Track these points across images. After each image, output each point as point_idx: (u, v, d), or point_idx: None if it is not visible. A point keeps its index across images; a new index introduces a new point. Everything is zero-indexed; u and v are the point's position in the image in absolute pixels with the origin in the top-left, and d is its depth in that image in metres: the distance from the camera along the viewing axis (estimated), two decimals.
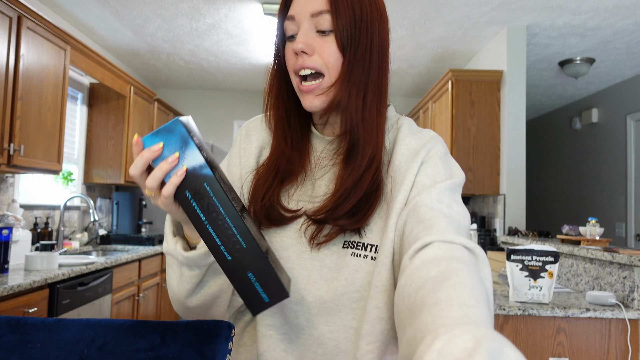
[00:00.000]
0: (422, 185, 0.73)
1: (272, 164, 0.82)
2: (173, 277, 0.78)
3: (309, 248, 0.78)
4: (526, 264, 2.02)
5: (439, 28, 3.77)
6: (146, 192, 0.65)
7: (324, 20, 0.74)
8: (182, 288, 0.76)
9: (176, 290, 0.77)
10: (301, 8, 0.76)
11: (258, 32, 3.95)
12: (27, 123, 2.69)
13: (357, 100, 0.76)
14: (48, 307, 2.40)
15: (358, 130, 0.76)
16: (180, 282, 0.76)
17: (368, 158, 0.75)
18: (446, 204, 0.70)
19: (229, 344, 0.75)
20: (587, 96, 5.61)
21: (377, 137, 0.77)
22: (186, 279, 0.75)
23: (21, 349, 0.73)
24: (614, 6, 3.24)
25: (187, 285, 0.75)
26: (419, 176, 0.74)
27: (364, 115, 0.76)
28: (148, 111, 4.64)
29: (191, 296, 0.77)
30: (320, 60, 0.75)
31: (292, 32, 0.78)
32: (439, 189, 0.71)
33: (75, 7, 3.58)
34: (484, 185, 3.74)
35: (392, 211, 0.73)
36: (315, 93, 0.76)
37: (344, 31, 0.74)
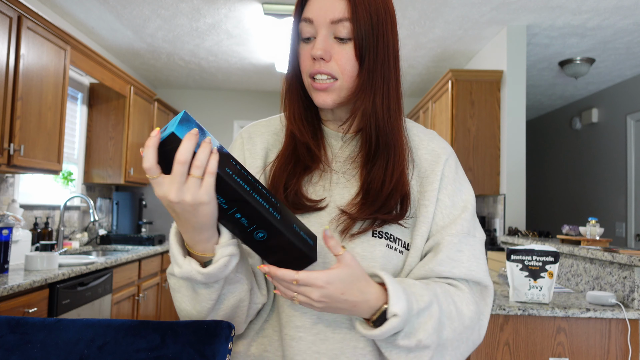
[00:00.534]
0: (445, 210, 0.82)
1: (291, 153, 0.83)
2: (185, 301, 0.73)
3: (339, 239, 0.79)
4: (526, 264, 2.02)
5: (439, 28, 3.77)
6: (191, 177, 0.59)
7: (343, 27, 0.76)
8: (201, 308, 0.72)
9: (195, 313, 0.73)
10: (320, 13, 0.77)
11: (258, 32, 3.95)
12: (27, 123, 2.69)
13: (383, 107, 0.79)
14: (48, 307, 2.40)
15: (382, 138, 0.80)
16: (196, 303, 0.72)
17: (391, 165, 0.80)
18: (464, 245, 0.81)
19: (229, 344, 0.75)
20: (587, 96, 5.61)
21: (401, 138, 0.82)
22: (204, 298, 0.71)
23: (21, 349, 0.73)
24: (614, 6, 3.24)
25: (207, 304, 0.72)
26: (441, 194, 0.83)
27: (390, 120, 0.80)
28: (148, 111, 4.64)
29: (211, 314, 0.74)
30: (337, 66, 0.78)
31: (308, 34, 0.79)
32: (458, 229, 0.81)
33: (75, 7, 3.58)
34: (484, 185, 3.74)
35: (420, 221, 0.82)
36: (327, 91, 0.79)
37: (363, 39, 0.77)
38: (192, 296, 0.72)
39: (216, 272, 0.67)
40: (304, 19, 0.79)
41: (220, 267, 0.67)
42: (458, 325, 0.75)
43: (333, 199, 0.82)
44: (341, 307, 0.69)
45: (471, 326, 0.77)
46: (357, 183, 0.83)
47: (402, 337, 0.71)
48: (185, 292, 0.72)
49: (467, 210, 0.83)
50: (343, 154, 0.85)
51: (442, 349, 0.75)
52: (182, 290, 0.72)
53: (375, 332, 0.70)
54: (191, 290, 0.72)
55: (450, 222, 0.81)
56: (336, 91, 0.79)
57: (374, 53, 0.78)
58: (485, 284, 0.81)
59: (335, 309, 0.69)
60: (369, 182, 0.80)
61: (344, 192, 0.82)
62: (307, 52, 0.79)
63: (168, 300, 4.42)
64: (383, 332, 0.69)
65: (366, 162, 0.81)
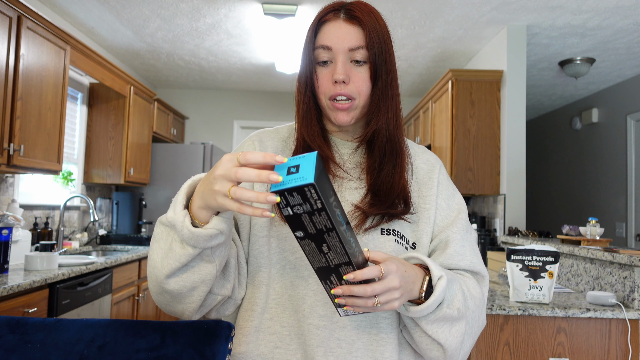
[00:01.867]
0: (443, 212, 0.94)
1: None
2: (158, 252, 0.76)
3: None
4: (526, 264, 2.02)
5: (439, 28, 3.77)
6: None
7: (359, 53, 0.87)
8: (166, 265, 0.75)
9: (158, 266, 0.76)
10: (338, 41, 0.87)
11: (258, 32, 3.95)
12: (27, 123, 2.69)
13: (393, 119, 0.90)
14: (48, 307, 2.40)
15: (392, 147, 0.91)
16: (166, 257, 0.75)
17: (398, 169, 0.90)
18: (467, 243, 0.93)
19: (229, 344, 0.75)
20: (587, 96, 5.61)
21: (403, 146, 0.93)
22: (174, 256, 0.74)
23: (21, 349, 0.73)
24: (614, 6, 3.24)
25: (174, 263, 0.74)
26: (439, 198, 0.94)
27: (397, 133, 0.91)
28: (148, 111, 4.64)
29: (172, 277, 0.75)
30: (355, 88, 0.88)
31: (326, 58, 0.89)
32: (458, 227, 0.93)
33: (75, 7, 3.58)
34: (484, 185, 3.74)
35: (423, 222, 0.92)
36: (347, 111, 0.89)
37: (377, 63, 0.87)
38: (166, 250, 0.75)
39: (200, 236, 0.71)
40: (320, 46, 0.88)
41: (207, 234, 0.71)
42: (472, 302, 0.86)
43: (345, 199, 0.90)
44: (409, 287, 0.76)
45: (481, 306, 0.88)
46: (364, 187, 0.91)
47: (447, 306, 0.79)
48: (163, 244, 0.76)
49: (463, 211, 0.96)
50: (351, 160, 0.95)
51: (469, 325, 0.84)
52: (162, 241, 0.76)
53: (431, 300, 0.77)
54: (168, 244, 0.75)
55: (450, 223, 0.93)
56: (354, 110, 0.89)
57: (385, 73, 0.89)
58: (483, 274, 0.93)
59: (407, 292, 0.75)
60: (378, 186, 0.89)
61: (354, 194, 0.91)
62: (327, 76, 0.89)
63: None
64: (437, 298, 0.77)
65: (374, 168, 0.91)
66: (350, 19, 0.87)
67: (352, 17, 0.87)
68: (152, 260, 0.77)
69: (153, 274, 0.77)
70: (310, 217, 0.64)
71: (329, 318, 0.83)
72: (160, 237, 0.77)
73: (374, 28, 0.87)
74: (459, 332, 0.82)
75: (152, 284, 0.79)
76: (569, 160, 6.04)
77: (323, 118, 0.97)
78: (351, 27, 0.87)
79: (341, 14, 0.88)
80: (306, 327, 0.83)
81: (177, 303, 0.80)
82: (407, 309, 0.79)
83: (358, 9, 0.88)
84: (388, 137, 0.90)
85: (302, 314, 0.84)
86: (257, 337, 0.85)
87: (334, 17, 0.88)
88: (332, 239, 0.66)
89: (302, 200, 0.62)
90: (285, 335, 0.84)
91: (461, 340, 0.82)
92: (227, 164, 0.66)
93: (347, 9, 0.88)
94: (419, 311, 0.77)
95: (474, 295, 0.87)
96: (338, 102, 0.88)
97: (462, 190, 3.72)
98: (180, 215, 0.71)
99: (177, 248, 0.73)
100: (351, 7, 0.88)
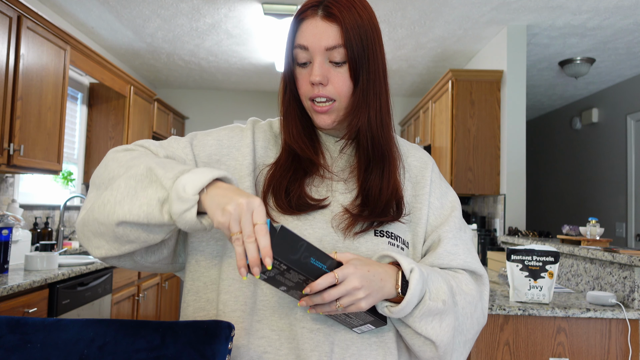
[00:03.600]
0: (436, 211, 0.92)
1: (290, 164, 0.87)
2: (121, 190, 0.71)
3: (342, 237, 0.84)
4: (526, 264, 2.02)
5: (439, 28, 3.77)
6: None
7: (337, 53, 0.82)
8: (127, 211, 0.70)
9: (116, 208, 0.71)
10: (314, 40, 0.82)
11: (258, 32, 3.95)
12: (27, 123, 2.69)
13: (376, 120, 0.86)
14: (48, 307, 2.40)
15: (377, 149, 0.87)
16: (132, 204, 0.70)
17: (386, 172, 0.87)
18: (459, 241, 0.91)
19: (229, 344, 0.75)
20: (587, 96, 5.61)
21: (393, 148, 0.89)
22: (145, 212, 0.70)
23: (21, 349, 0.73)
24: (614, 6, 3.24)
25: (138, 216, 0.70)
26: (431, 197, 0.92)
27: (383, 132, 0.87)
28: (148, 111, 4.64)
29: (124, 225, 0.71)
30: (334, 89, 0.83)
31: (304, 59, 0.84)
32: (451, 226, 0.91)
33: (75, 7, 3.58)
34: (484, 185, 3.74)
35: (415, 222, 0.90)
36: (327, 113, 0.85)
37: (356, 62, 0.82)
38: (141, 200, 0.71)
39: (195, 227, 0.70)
40: (298, 45, 0.84)
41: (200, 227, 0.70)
42: (462, 298, 0.84)
43: (335, 198, 0.87)
44: (376, 286, 0.74)
45: (474, 303, 0.86)
46: (356, 189, 0.88)
47: (430, 298, 0.78)
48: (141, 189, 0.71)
49: (456, 209, 0.94)
50: (342, 159, 0.91)
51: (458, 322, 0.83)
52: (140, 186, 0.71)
53: (408, 297, 0.75)
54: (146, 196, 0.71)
55: (443, 221, 0.91)
56: (335, 112, 0.85)
57: (366, 72, 0.83)
58: (480, 272, 0.91)
59: (375, 290, 0.74)
60: (367, 189, 0.86)
61: (346, 196, 0.88)
62: (305, 77, 0.85)
63: (168, 300, 4.42)
64: (414, 291, 0.75)
65: (363, 171, 0.87)
66: (327, 16, 0.81)
67: (330, 15, 0.81)
68: (118, 195, 0.71)
69: (109, 208, 0.71)
70: (283, 275, 0.69)
71: (323, 321, 0.80)
72: (141, 180, 0.72)
73: (353, 25, 0.81)
74: (450, 327, 0.80)
75: (90, 216, 0.74)
76: (569, 160, 6.04)
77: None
78: (328, 25, 0.81)
79: (319, 11, 0.82)
80: (299, 331, 0.79)
81: (100, 238, 0.76)
82: (389, 310, 0.77)
83: (337, 4, 0.82)
84: (371, 138, 0.85)
85: (295, 318, 0.80)
86: (248, 340, 0.80)
87: (312, 14, 0.83)
88: (309, 281, 0.71)
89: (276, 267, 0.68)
90: (275, 339, 0.80)
91: (452, 334, 0.81)
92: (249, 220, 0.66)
93: (326, 5, 0.82)
94: (401, 309, 0.76)
95: (466, 291, 0.85)
96: (317, 105, 0.84)
97: (462, 190, 3.72)
98: (193, 199, 0.68)
99: (153, 208, 0.69)
100: (330, 3, 0.82)
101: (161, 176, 0.71)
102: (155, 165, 0.73)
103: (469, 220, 4.25)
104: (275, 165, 0.88)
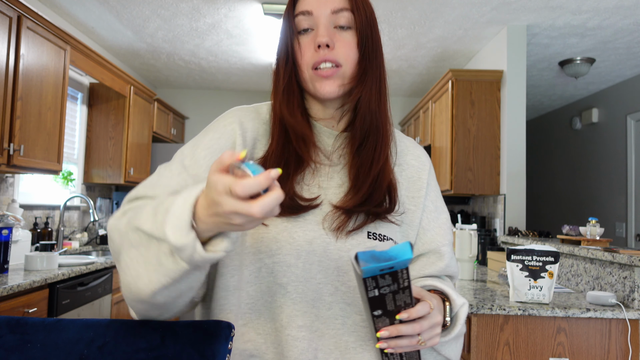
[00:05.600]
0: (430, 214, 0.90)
1: (281, 152, 0.82)
2: (139, 263, 0.65)
3: (334, 239, 0.79)
4: (526, 264, 2.02)
5: (439, 28, 3.77)
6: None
7: (343, 17, 0.80)
8: (154, 280, 0.64)
9: (144, 281, 0.64)
10: (319, 4, 0.80)
11: (258, 32, 3.95)
12: (27, 123, 2.69)
13: (375, 92, 0.83)
14: (48, 307, 2.40)
15: (373, 121, 0.83)
16: (154, 272, 0.63)
17: (379, 146, 0.83)
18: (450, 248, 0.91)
19: (229, 344, 0.75)
20: (587, 96, 5.61)
21: (387, 122, 0.86)
22: (166, 272, 0.63)
23: (21, 349, 0.73)
24: (614, 6, 3.24)
25: (164, 279, 0.63)
26: (427, 200, 0.90)
27: (380, 103, 0.84)
28: (148, 111, 4.64)
29: (160, 291, 0.65)
30: (341, 54, 0.80)
31: (307, 25, 0.81)
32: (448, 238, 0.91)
33: (75, 7, 3.58)
34: (484, 185, 3.73)
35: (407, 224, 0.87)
36: (331, 78, 0.80)
37: (363, 28, 0.81)
38: (153, 264, 0.63)
39: (211, 260, 0.62)
40: (301, 12, 0.81)
41: (217, 257, 0.62)
42: None
43: (327, 197, 0.83)
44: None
45: None
46: (347, 182, 0.84)
47: (461, 323, 0.80)
48: (146, 255, 0.64)
49: (446, 213, 0.93)
50: (336, 152, 0.86)
51: None
52: (143, 249, 0.64)
53: (457, 329, 0.79)
54: (154, 258, 0.63)
55: (437, 227, 0.90)
56: (340, 78, 0.81)
57: (371, 41, 0.82)
58: (457, 277, 0.96)
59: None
60: (359, 166, 0.82)
61: (337, 189, 0.83)
62: (309, 44, 0.81)
63: None
64: (462, 326, 0.79)
65: (357, 149, 0.84)
66: None
67: None
68: (133, 271, 0.66)
69: (134, 287, 0.66)
70: (394, 295, 0.64)
71: (307, 328, 0.77)
72: (139, 245, 0.65)
73: None
74: (461, 343, 0.84)
75: (130, 295, 0.68)
76: (569, 160, 6.04)
77: (305, 102, 0.88)
78: None
79: None
80: (284, 337, 0.76)
81: (157, 310, 0.71)
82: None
83: None
84: (369, 109, 0.82)
85: (280, 324, 0.77)
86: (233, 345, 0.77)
87: None
88: (408, 307, 0.67)
89: (392, 281, 0.63)
90: (261, 343, 0.78)
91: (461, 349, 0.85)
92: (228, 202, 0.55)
93: None
94: (447, 340, 0.79)
95: None
96: (322, 70, 0.79)
97: (462, 190, 3.72)
98: (190, 240, 0.59)
99: (168, 263, 0.62)
100: None
101: (152, 230, 0.63)
102: (144, 221, 0.65)
103: (469, 220, 4.25)
104: (264, 160, 0.82)
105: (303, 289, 0.78)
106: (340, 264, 0.79)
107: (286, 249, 0.78)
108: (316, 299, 0.78)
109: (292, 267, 0.78)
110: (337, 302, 0.79)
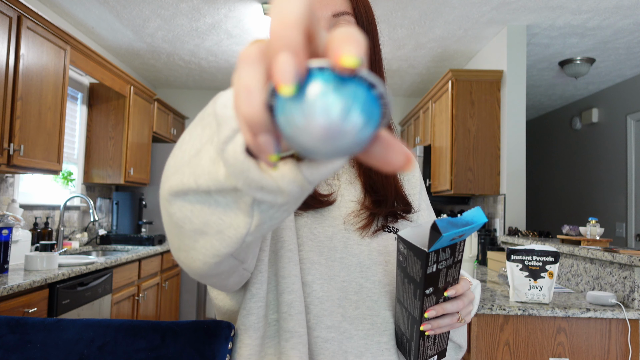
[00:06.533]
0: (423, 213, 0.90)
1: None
2: (183, 151, 0.43)
3: (354, 235, 0.78)
4: (526, 264, 2.02)
5: (439, 28, 3.77)
6: None
7: (344, 20, 0.78)
8: (180, 174, 0.42)
9: (170, 171, 0.44)
10: (320, 7, 0.77)
11: (258, 32, 3.95)
12: (27, 123, 2.69)
13: None
14: (48, 307, 2.40)
15: None
16: (187, 164, 0.42)
17: None
18: None
19: (229, 344, 0.75)
20: (587, 96, 5.61)
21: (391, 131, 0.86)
22: (196, 169, 0.41)
23: (21, 349, 0.73)
24: (614, 6, 3.24)
25: (188, 179, 0.41)
26: (421, 199, 0.90)
27: None
28: (148, 111, 4.64)
29: (179, 197, 0.43)
30: None
31: None
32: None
33: (75, 7, 3.58)
34: (484, 185, 3.73)
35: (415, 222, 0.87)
36: None
37: (364, 33, 0.78)
38: (191, 153, 0.41)
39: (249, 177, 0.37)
40: None
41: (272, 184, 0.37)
42: None
43: (340, 193, 0.81)
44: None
45: None
46: (357, 180, 0.84)
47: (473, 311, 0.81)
48: (193, 142, 0.42)
49: (432, 211, 0.94)
50: None
51: None
52: (194, 138, 0.41)
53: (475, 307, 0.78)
54: (198, 146, 0.41)
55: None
56: None
57: (372, 46, 0.80)
58: None
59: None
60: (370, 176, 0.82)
61: (347, 185, 0.83)
62: None
63: (168, 300, 4.42)
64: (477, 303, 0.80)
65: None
66: None
67: None
68: (172, 158, 0.45)
69: (163, 179, 0.46)
70: (447, 270, 0.61)
71: (336, 329, 0.73)
72: (193, 132, 0.42)
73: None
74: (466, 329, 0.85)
75: (161, 193, 0.47)
76: (569, 160, 6.04)
77: None
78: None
79: None
80: (313, 340, 0.72)
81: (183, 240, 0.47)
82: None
83: None
84: None
85: (309, 326, 0.73)
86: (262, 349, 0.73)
87: None
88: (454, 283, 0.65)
89: (449, 255, 0.60)
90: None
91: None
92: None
93: None
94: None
95: None
96: None
97: (462, 190, 3.72)
98: (229, 117, 0.37)
99: (205, 158, 0.39)
100: None
101: (207, 110, 0.42)
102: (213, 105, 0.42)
103: None
104: None
105: (328, 288, 0.75)
106: (362, 259, 0.77)
107: (308, 245, 0.76)
108: (342, 297, 0.75)
109: (315, 264, 0.75)
110: (363, 301, 0.75)
